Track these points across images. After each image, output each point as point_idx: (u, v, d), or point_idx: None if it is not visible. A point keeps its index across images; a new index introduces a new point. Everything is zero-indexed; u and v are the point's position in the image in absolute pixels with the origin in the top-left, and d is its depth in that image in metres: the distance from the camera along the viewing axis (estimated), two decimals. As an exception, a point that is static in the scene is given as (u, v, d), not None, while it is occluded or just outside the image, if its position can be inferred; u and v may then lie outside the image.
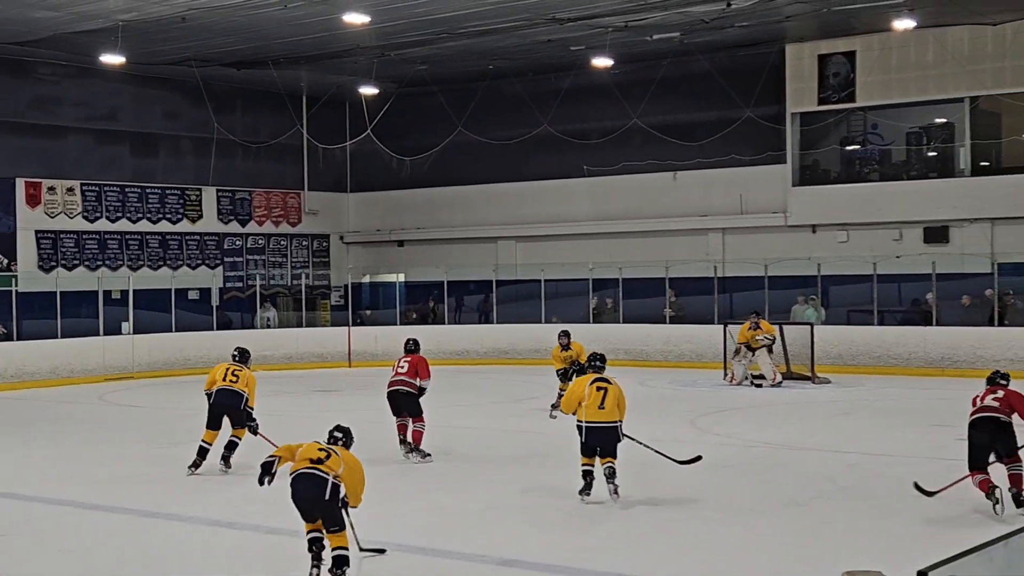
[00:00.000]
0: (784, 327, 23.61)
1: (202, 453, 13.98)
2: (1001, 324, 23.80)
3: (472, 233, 32.33)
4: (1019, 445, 11.06)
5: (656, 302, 27.66)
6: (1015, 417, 11.12)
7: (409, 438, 14.81)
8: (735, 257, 28.02)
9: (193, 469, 13.88)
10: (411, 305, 31.59)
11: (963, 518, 10.71)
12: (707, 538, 10.16)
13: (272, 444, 15.04)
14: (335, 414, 18.94)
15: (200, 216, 31.28)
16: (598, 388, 11.85)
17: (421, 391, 15.14)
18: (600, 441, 11.69)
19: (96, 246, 29.44)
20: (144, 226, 30.22)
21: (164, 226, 30.54)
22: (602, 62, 27.66)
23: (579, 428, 11.79)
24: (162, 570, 9.55)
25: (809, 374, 22.60)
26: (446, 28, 25.02)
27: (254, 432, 14.10)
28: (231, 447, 14.07)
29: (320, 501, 8.70)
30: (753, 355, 22.48)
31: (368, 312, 31.35)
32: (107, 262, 29.50)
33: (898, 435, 16.19)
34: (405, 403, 14.97)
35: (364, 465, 9.59)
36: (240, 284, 31.59)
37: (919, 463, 13.52)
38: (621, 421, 11.89)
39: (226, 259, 31.73)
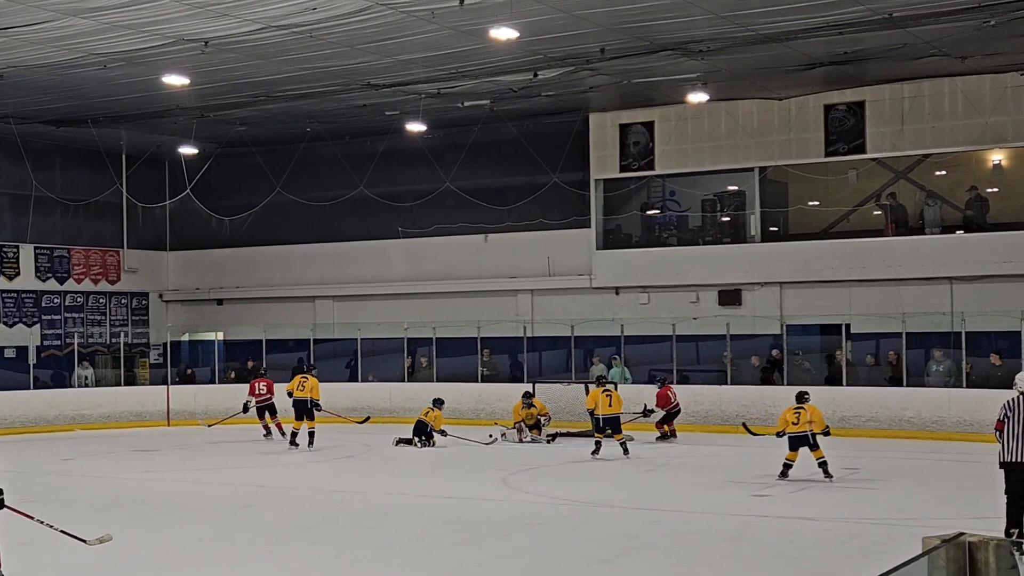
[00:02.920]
0: (589, 386, 24.69)
1: (292, 435, 23.03)
2: (790, 383, 25.23)
3: (290, 292, 32.57)
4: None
5: (468, 360, 28.43)
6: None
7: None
8: (543, 318, 28.79)
9: (293, 447, 22.74)
10: (229, 363, 31.81)
11: (755, 570, 11.51)
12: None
13: (339, 416, 24.32)
14: (155, 474, 19.53)
15: (17, 273, 30.93)
16: (605, 393, 21.34)
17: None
18: (609, 424, 21.01)
19: (-90, 303, 29.00)
20: (-40, 283, 29.84)
21: (-20, 283, 30.19)
22: (416, 127, 28.27)
23: (596, 419, 21.26)
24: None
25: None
26: (264, 91, 25.42)
27: (319, 409, 22.89)
28: (311, 436, 22.75)
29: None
30: (528, 431, 23.60)
31: (188, 371, 31.42)
32: (-78, 319, 29.12)
33: (698, 492, 16.87)
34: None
35: (183, 523, 10.09)
36: (58, 342, 31.28)
37: (717, 519, 14.41)
38: (620, 413, 21.23)
39: (44, 317, 31.39)
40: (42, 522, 11.49)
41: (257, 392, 24.84)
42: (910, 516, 14.53)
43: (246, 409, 24.97)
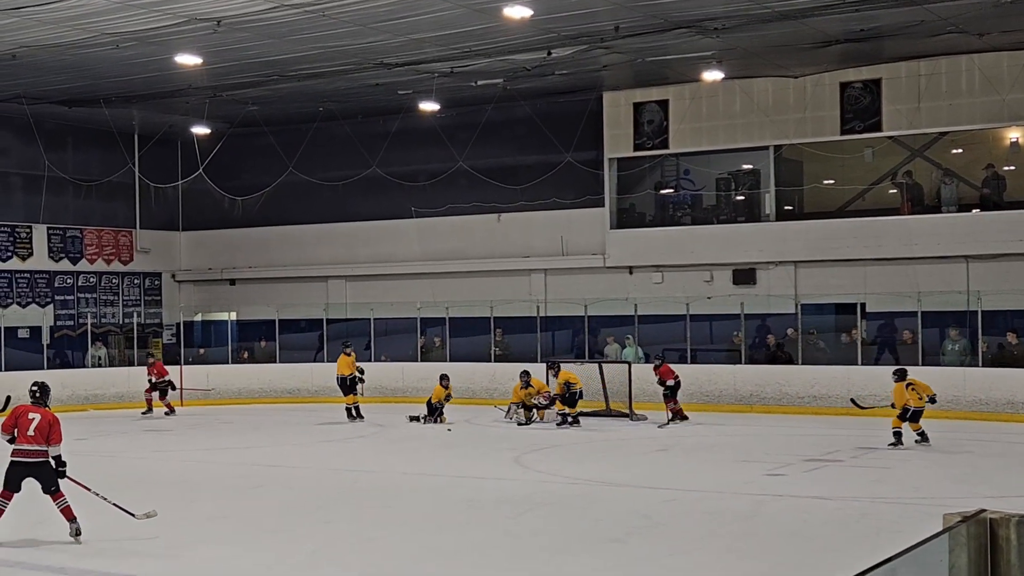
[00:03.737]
0: (603, 365, 24.71)
1: (347, 412, 24.07)
2: (804, 363, 25.22)
3: (303, 272, 32.57)
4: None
5: (482, 340, 28.43)
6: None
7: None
8: (556, 297, 28.74)
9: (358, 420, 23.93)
10: (243, 343, 31.84)
11: (768, 550, 11.43)
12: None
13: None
14: (168, 454, 19.56)
15: (30, 254, 30.99)
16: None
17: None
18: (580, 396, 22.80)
19: (-77, 284, 29.07)
20: (-27, 264, 29.93)
21: (-6, 264, 30.31)
22: (429, 106, 28.24)
23: (573, 394, 22.46)
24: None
25: (627, 411, 23.54)
26: (277, 70, 25.38)
27: (361, 381, 24.55)
28: (347, 411, 24.07)
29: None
30: (532, 413, 23.54)
31: (201, 351, 31.42)
32: (-65, 300, 29.19)
33: (710, 471, 16.90)
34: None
35: (196, 502, 10.32)
36: (71, 322, 31.24)
37: (729, 498, 14.36)
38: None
39: (57, 297, 31.42)
40: (97, 494, 12.40)
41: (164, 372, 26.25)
42: (925, 495, 14.47)
43: (173, 387, 26.22)
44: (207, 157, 31.38)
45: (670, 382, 22.89)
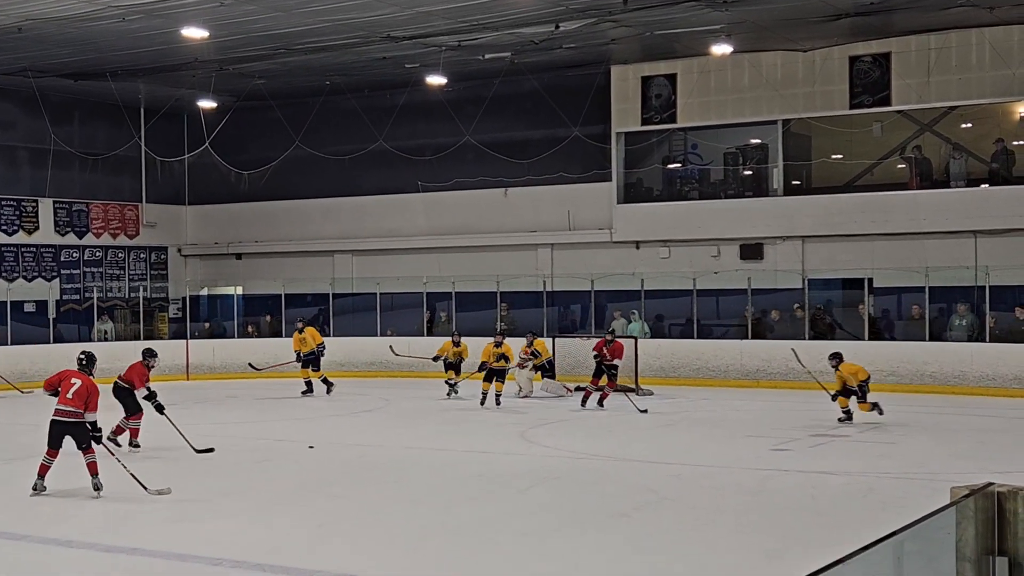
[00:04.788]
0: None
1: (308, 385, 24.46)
2: (813, 338, 25.12)
3: (309, 247, 32.50)
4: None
5: (488, 315, 28.38)
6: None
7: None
8: (563, 272, 28.70)
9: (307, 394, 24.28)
10: (249, 318, 31.80)
11: (774, 524, 11.40)
12: (531, 553, 10.40)
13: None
14: (174, 428, 19.48)
15: (36, 228, 30.91)
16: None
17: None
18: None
19: (-71, 257, 29.07)
20: (-22, 238, 29.95)
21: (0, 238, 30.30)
22: (436, 80, 28.07)
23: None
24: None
25: (633, 386, 23.41)
26: (283, 44, 25.29)
27: (322, 353, 24.64)
28: (326, 383, 24.30)
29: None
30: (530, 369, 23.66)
31: (206, 325, 31.38)
32: (-60, 273, 29.22)
33: (717, 446, 16.85)
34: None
35: (203, 477, 10.74)
36: (77, 296, 31.24)
37: (736, 472, 14.33)
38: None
39: (63, 271, 31.37)
40: (119, 461, 13.44)
41: None
42: (931, 470, 14.43)
43: None
44: (213, 131, 31.34)
45: (618, 361, 21.78)
